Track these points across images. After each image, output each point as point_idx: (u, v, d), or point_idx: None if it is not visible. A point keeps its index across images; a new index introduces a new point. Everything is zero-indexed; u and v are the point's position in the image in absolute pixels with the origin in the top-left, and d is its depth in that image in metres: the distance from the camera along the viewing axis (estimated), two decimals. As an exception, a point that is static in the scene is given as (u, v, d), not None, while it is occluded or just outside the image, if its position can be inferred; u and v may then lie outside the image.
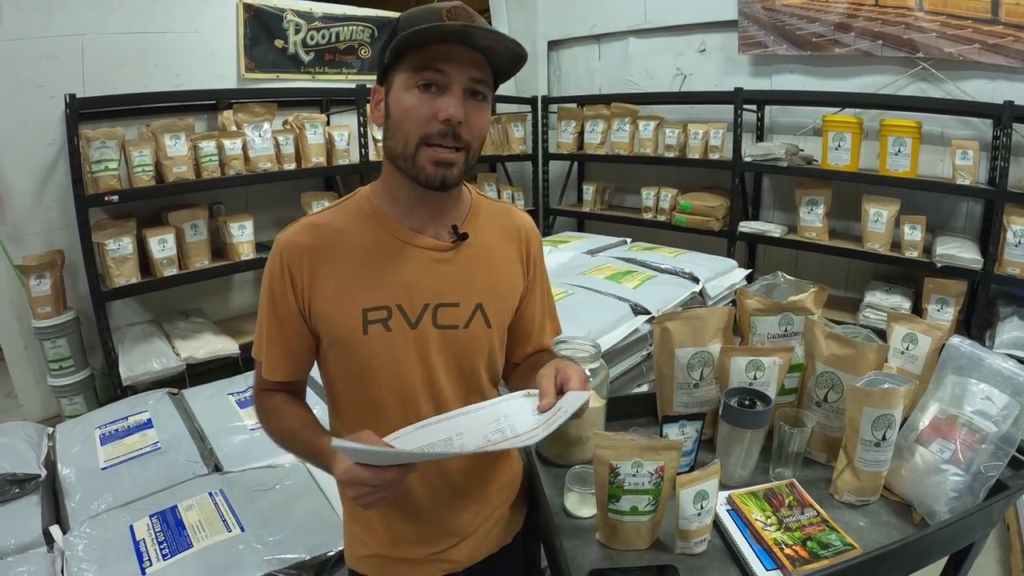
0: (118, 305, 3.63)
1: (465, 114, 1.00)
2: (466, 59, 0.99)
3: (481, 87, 1.02)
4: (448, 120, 0.98)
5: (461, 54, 0.98)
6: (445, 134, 1.00)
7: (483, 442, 0.96)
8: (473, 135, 1.03)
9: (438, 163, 1.01)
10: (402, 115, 1.01)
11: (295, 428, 1.11)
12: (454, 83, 0.99)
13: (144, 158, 3.29)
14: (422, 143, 1.00)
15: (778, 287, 1.58)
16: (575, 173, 5.30)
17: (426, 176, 1.02)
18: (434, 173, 1.02)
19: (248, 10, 3.85)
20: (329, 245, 1.09)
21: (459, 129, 1.00)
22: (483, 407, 1.04)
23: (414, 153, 1.01)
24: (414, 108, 1.00)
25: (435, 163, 1.01)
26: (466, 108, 1.00)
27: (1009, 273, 3.22)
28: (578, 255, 3.17)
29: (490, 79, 1.04)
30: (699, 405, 1.44)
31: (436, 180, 1.02)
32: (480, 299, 1.13)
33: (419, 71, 0.99)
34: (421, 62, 0.98)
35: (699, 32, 4.49)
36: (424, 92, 0.99)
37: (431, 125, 0.99)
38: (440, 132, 0.99)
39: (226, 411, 2.50)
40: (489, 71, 1.03)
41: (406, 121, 1.01)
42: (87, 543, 1.84)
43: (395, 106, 1.02)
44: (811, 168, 3.84)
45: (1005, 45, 3.27)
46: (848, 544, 1.11)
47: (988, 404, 1.22)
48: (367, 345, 1.08)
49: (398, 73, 1.01)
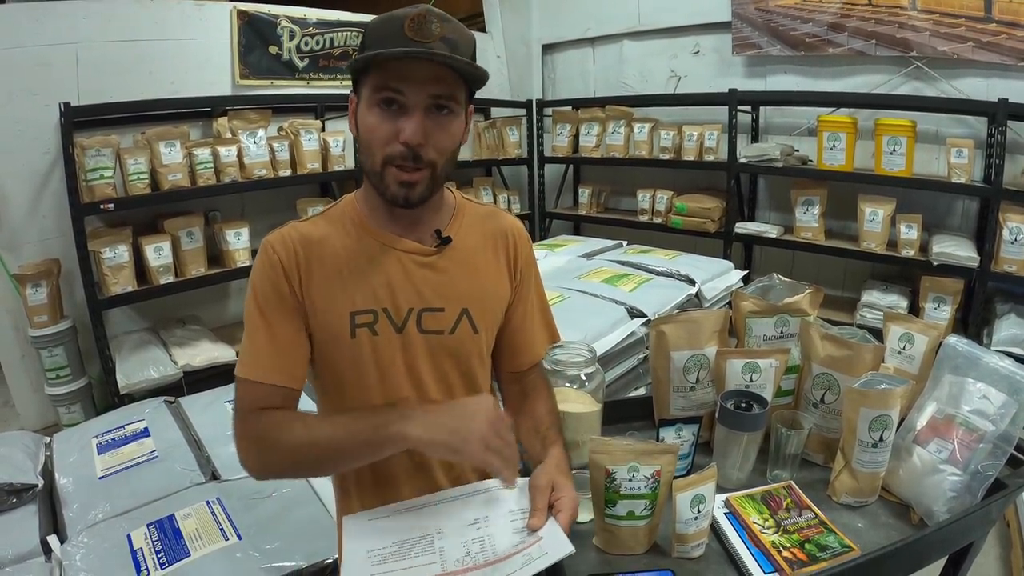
0: (115, 313, 3.62)
1: (426, 132, 0.98)
2: (425, 76, 0.97)
3: (446, 101, 1.00)
4: (406, 143, 0.98)
5: (420, 71, 0.96)
6: (406, 156, 0.99)
7: (462, 555, 0.94)
8: (438, 152, 1.01)
9: (401, 183, 1.01)
10: (367, 134, 1.01)
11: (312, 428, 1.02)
12: (414, 103, 0.98)
13: (139, 166, 3.28)
14: (386, 163, 1.00)
15: (774, 289, 1.58)
16: (570, 176, 5.31)
17: (391, 195, 1.02)
18: (398, 192, 1.02)
19: (242, 17, 3.85)
20: (316, 250, 1.09)
21: (420, 150, 0.99)
22: (461, 495, 1.04)
23: (380, 172, 1.01)
24: (376, 128, 0.99)
25: (399, 183, 1.01)
26: (428, 125, 0.99)
27: (1005, 270, 3.22)
28: (574, 258, 3.18)
29: (457, 90, 1.01)
30: (695, 408, 1.44)
31: (400, 199, 1.02)
32: (465, 304, 1.13)
33: (379, 90, 0.98)
34: (380, 81, 0.98)
35: (693, 34, 4.51)
36: (385, 110, 0.99)
37: (392, 146, 0.99)
38: (401, 154, 0.99)
39: (223, 419, 2.49)
40: (455, 82, 1.00)
41: (370, 140, 1.01)
42: (85, 553, 1.83)
43: (361, 122, 1.02)
44: (806, 168, 3.85)
45: (999, 43, 3.28)
46: (846, 546, 1.11)
47: (985, 403, 1.21)
48: (355, 349, 1.08)
49: (363, 87, 1.01)
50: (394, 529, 0.99)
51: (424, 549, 0.96)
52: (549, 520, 0.98)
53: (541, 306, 1.28)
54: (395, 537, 0.98)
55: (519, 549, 0.94)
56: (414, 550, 0.96)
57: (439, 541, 0.97)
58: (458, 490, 1.06)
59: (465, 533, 0.98)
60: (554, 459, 1.07)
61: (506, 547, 0.95)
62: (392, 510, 1.03)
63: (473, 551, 0.95)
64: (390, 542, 0.97)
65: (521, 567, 0.91)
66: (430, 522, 1.00)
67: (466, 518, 1.00)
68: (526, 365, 1.26)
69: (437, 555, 0.95)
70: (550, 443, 1.12)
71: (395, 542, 0.97)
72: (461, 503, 1.03)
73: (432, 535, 0.98)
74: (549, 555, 0.93)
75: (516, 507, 1.01)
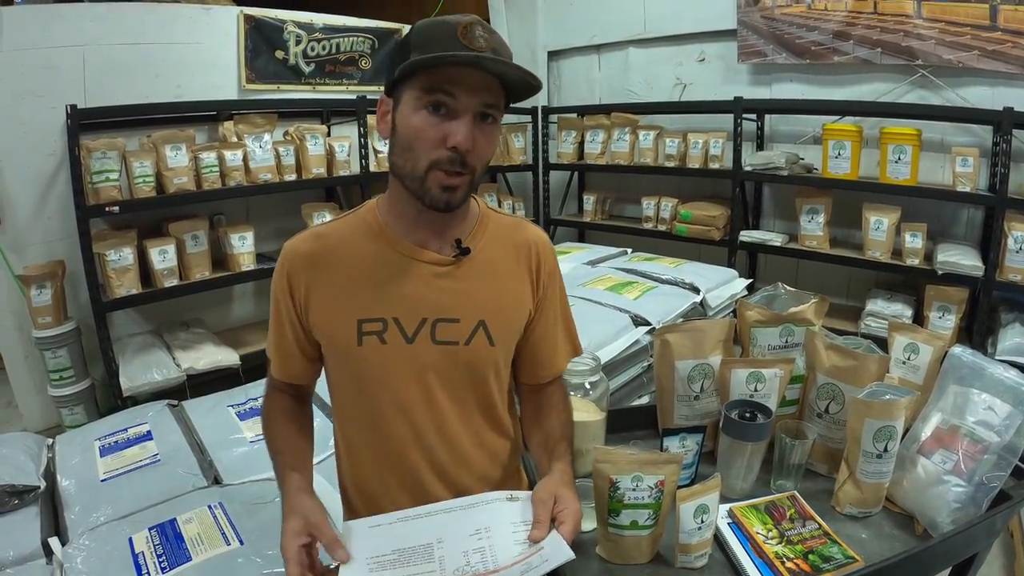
0: (119, 315, 3.63)
1: (473, 140, 0.98)
2: (478, 84, 0.97)
3: (492, 110, 1.00)
4: (456, 147, 0.97)
5: (474, 78, 0.96)
6: (453, 161, 0.98)
7: (462, 564, 0.95)
8: (480, 159, 1.01)
9: (444, 187, 1.00)
10: (411, 136, 0.99)
11: (278, 448, 1.16)
12: (465, 108, 0.97)
13: (145, 169, 3.29)
14: (431, 167, 0.99)
15: (779, 298, 1.57)
16: (575, 183, 5.31)
17: (432, 199, 1.01)
18: (440, 196, 1.01)
19: (249, 21, 3.87)
20: (330, 255, 1.10)
21: (467, 156, 0.98)
22: (464, 505, 1.04)
23: (423, 176, 1.00)
24: (423, 131, 0.98)
25: (442, 187, 1.00)
26: (475, 133, 0.98)
27: (1010, 280, 3.21)
28: (579, 266, 3.18)
29: (501, 101, 1.02)
30: (700, 417, 1.43)
31: (441, 203, 1.01)
32: (483, 316, 1.11)
33: (429, 92, 0.97)
34: (431, 83, 0.96)
35: (698, 41, 4.50)
36: (433, 114, 0.98)
37: (439, 151, 0.98)
38: (449, 159, 0.98)
39: (226, 423, 2.49)
40: (501, 93, 1.01)
41: (415, 143, 0.99)
42: (86, 555, 1.83)
43: (403, 124, 1.00)
44: (811, 177, 3.85)
45: (1004, 51, 3.27)
46: (850, 557, 1.10)
47: (990, 414, 1.21)
48: (361, 356, 1.08)
49: (407, 89, 0.99)
50: (394, 536, 0.99)
51: (424, 558, 0.96)
52: (551, 532, 0.98)
53: (564, 319, 1.26)
54: (395, 544, 0.98)
55: (519, 560, 0.94)
56: (414, 559, 0.95)
57: (439, 550, 0.97)
58: (461, 501, 1.06)
59: (466, 543, 0.98)
60: (559, 472, 1.07)
61: (507, 558, 0.95)
62: (394, 518, 1.02)
63: (473, 561, 0.95)
64: (390, 549, 0.97)
65: (522, 573, 0.91)
66: (431, 531, 1.00)
67: (467, 528, 1.00)
68: (547, 378, 1.24)
69: (436, 563, 0.95)
70: (557, 457, 1.12)
71: (395, 550, 0.97)
72: (463, 513, 1.03)
73: (432, 544, 0.97)
74: (549, 562, 0.93)
75: (519, 519, 1.01)
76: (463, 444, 1.15)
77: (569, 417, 1.22)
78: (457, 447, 1.14)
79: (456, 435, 1.14)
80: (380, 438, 1.13)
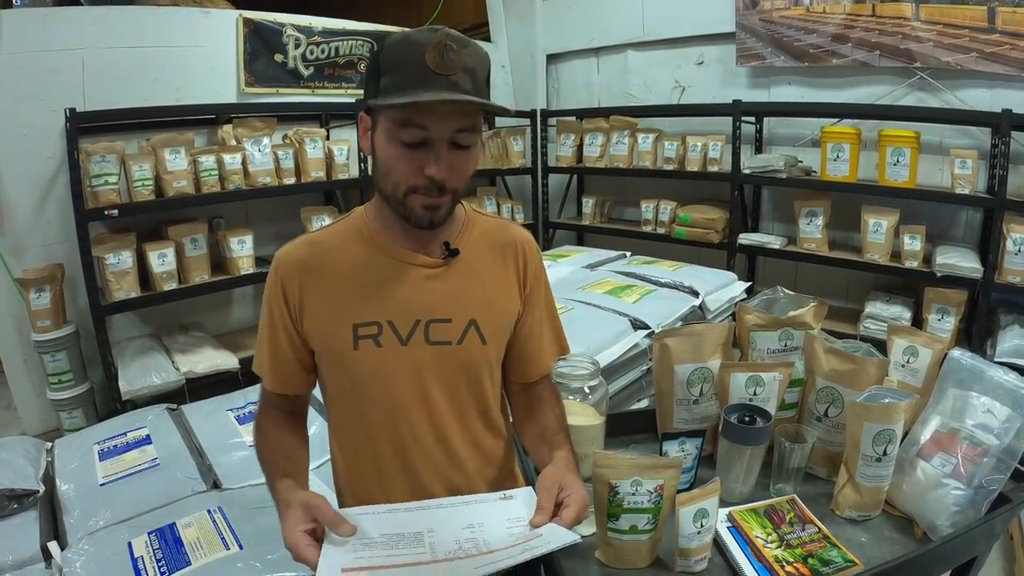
0: (118, 319, 3.63)
1: (450, 165, 0.99)
2: (449, 111, 0.97)
3: (466, 135, 1.00)
4: (431, 178, 0.98)
5: (444, 108, 0.96)
6: (430, 188, 1.00)
7: (454, 548, 0.92)
8: (459, 180, 1.03)
9: (426, 207, 1.02)
10: (388, 164, 1.01)
11: (267, 458, 1.13)
12: (439, 138, 0.98)
13: (144, 172, 3.30)
14: (409, 192, 1.01)
15: (778, 302, 1.57)
16: (574, 186, 5.31)
17: (416, 219, 1.03)
18: (423, 216, 1.03)
19: (248, 25, 3.87)
20: (322, 261, 1.11)
21: (444, 183, 1.00)
22: (459, 503, 1.03)
23: (403, 199, 1.02)
24: (399, 161, 1.00)
25: (424, 207, 1.02)
26: (451, 159, 0.99)
27: (1009, 281, 3.21)
28: (577, 269, 3.18)
29: (478, 118, 1.02)
30: (699, 421, 1.43)
31: (424, 221, 1.04)
32: (473, 315, 1.12)
33: (402, 126, 0.97)
34: (403, 117, 0.97)
35: (697, 45, 4.51)
36: (407, 146, 0.98)
37: (417, 178, 0.99)
38: (426, 187, 1.00)
39: (225, 427, 2.49)
40: (475, 112, 1.01)
41: (392, 171, 1.01)
42: (85, 560, 1.83)
43: (380, 150, 1.02)
44: (810, 179, 3.85)
45: (1002, 53, 3.28)
46: (849, 561, 1.10)
47: (989, 417, 1.21)
48: (358, 361, 1.09)
49: (381, 117, 1.00)
50: (384, 524, 0.97)
51: (413, 543, 0.93)
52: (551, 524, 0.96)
53: (551, 317, 1.27)
54: (384, 530, 0.95)
55: (515, 544, 0.92)
56: (402, 543, 0.93)
57: (429, 537, 0.94)
58: (455, 499, 1.05)
59: (458, 534, 0.96)
60: (562, 460, 1.07)
61: (500, 544, 0.93)
62: (385, 509, 1.01)
63: (466, 546, 0.93)
64: (378, 534, 0.94)
65: (521, 553, 0.89)
66: (422, 522, 0.98)
67: (459, 523, 0.98)
68: (535, 376, 1.25)
69: (427, 548, 0.92)
70: (558, 446, 1.12)
71: (384, 534, 0.94)
72: (455, 510, 1.02)
73: (423, 532, 0.95)
74: (551, 543, 0.90)
75: (514, 515, 0.99)
76: (459, 445, 1.15)
77: (563, 412, 1.22)
78: (453, 448, 1.15)
79: (452, 436, 1.14)
80: (377, 442, 1.13)
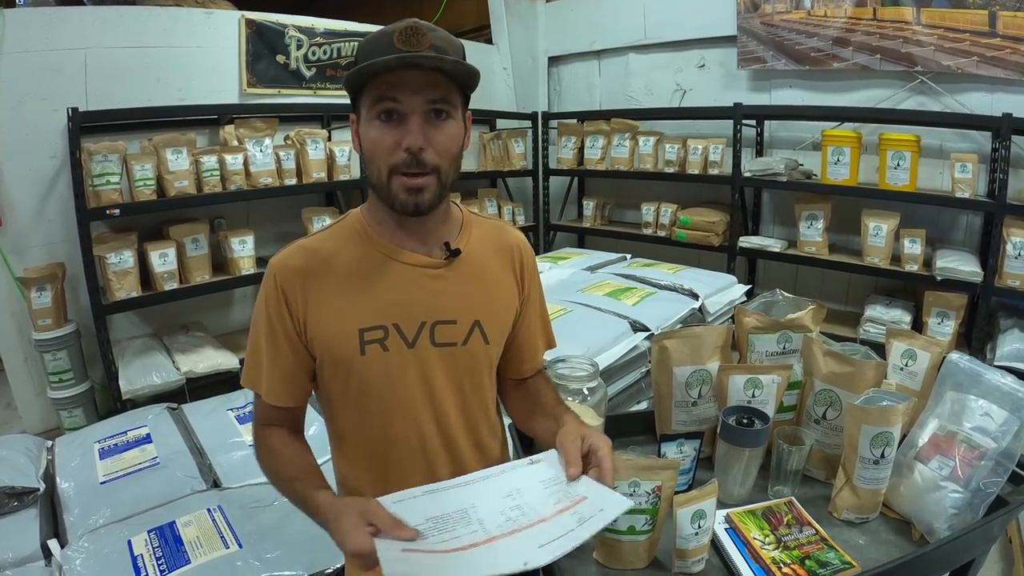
0: (119, 318, 3.63)
1: (427, 136, 1.00)
2: (419, 83, 0.98)
3: (441, 105, 1.01)
4: (409, 148, 0.99)
5: (413, 79, 0.98)
6: (409, 163, 1.00)
7: (503, 521, 0.89)
8: (440, 155, 1.02)
9: (410, 190, 1.02)
10: (370, 147, 1.03)
11: (291, 475, 1.09)
12: (412, 109, 0.99)
13: (146, 172, 3.30)
14: (392, 173, 1.02)
15: (777, 305, 1.58)
16: (575, 188, 5.32)
17: (400, 203, 1.03)
18: (407, 200, 1.03)
19: (250, 25, 3.88)
20: (322, 267, 1.09)
21: (422, 155, 1.00)
22: (488, 475, 0.99)
23: (387, 183, 1.03)
24: (378, 139, 1.01)
25: (407, 190, 1.02)
26: (427, 130, 1.00)
27: (1009, 285, 3.22)
28: (578, 271, 3.18)
29: (452, 93, 1.03)
30: (697, 423, 1.44)
31: (410, 206, 1.03)
32: (477, 316, 1.13)
33: (377, 102, 1.00)
34: (377, 93, 0.99)
35: (698, 48, 4.52)
36: (385, 122, 1.00)
37: (396, 155, 1.00)
38: (405, 161, 1.00)
39: (225, 427, 2.50)
40: (449, 85, 1.02)
41: (375, 153, 1.02)
42: (85, 558, 1.83)
43: (364, 137, 1.04)
44: (810, 183, 3.85)
45: (1003, 57, 3.28)
46: (847, 563, 1.11)
47: (987, 420, 1.21)
48: (365, 366, 1.07)
49: (362, 104, 1.03)
50: (422, 510, 0.91)
51: (461, 522, 0.89)
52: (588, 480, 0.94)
53: (542, 314, 1.30)
54: (426, 515, 0.89)
55: (564, 508, 0.90)
56: (449, 524, 0.88)
57: (474, 513, 0.91)
58: (479, 473, 1.01)
59: (500, 504, 0.92)
60: (573, 421, 1.08)
61: (549, 509, 0.90)
62: (418, 492, 0.95)
63: (514, 516, 0.90)
64: (422, 519, 0.88)
65: (577, 525, 0.86)
66: (460, 500, 0.94)
67: (497, 493, 0.95)
68: (530, 372, 1.28)
69: (477, 524, 0.88)
70: (562, 414, 1.13)
71: (427, 518, 0.89)
72: (486, 483, 0.98)
73: (467, 508, 0.91)
74: (605, 512, 0.88)
75: (547, 476, 0.97)
76: (463, 447, 1.16)
77: (558, 393, 1.25)
78: (458, 450, 1.15)
79: (457, 437, 1.14)
80: (384, 446, 1.12)
